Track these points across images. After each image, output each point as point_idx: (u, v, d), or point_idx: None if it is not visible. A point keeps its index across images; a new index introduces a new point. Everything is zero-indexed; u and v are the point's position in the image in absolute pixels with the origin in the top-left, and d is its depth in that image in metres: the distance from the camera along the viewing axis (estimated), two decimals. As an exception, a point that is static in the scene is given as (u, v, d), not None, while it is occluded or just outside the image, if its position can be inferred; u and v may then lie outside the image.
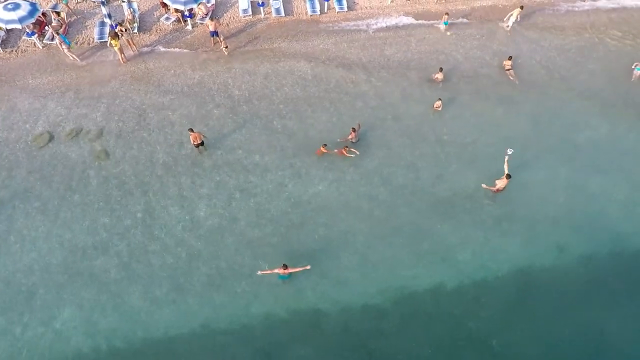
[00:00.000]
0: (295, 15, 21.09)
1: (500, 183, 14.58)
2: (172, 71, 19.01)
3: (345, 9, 21.10)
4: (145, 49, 19.80)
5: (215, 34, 19.21)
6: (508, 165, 14.58)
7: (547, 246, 14.68)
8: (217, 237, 14.65)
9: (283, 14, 20.83)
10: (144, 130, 17.14)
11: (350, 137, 16.17)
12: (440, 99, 17.37)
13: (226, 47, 19.28)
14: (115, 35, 17.95)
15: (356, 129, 16.17)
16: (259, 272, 13.24)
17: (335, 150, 15.90)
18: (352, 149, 15.89)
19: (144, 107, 17.79)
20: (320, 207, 15.29)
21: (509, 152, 15.02)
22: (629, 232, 14.95)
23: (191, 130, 15.60)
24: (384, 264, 14.24)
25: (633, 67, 18.71)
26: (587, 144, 16.87)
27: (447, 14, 20.27)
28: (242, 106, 17.85)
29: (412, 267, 14.18)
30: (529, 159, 16.31)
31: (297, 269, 13.12)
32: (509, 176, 14.30)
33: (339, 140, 16.43)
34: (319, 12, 20.94)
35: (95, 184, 15.71)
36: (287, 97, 18.15)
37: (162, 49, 19.84)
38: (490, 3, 21.89)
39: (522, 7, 20.02)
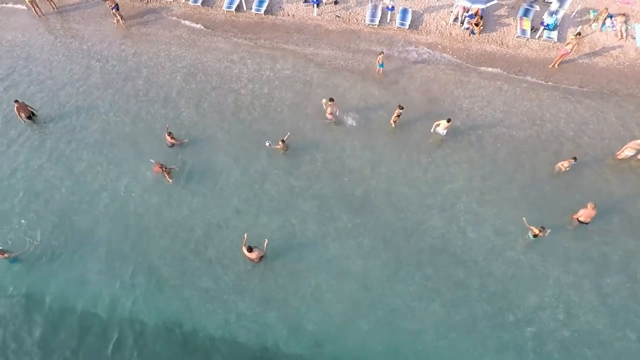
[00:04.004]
0: (212, 7, 20.31)
1: (249, 254, 12.62)
2: (74, 33, 19.57)
3: (263, 13, 19.80)
4: (65, 8, 20.61)
5: (116, 7, 19.25)
6: None
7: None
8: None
9: (200, 3, 20.19)
10: (24, 82, 17.85)
11: (167, 139, 15.32)
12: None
13: (117, 22, 19.51)
14: (16, -14, 18.86)
15: (173, 135, 15.27)
16: None
17: (154, 169, 14.78)
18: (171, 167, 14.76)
19: (31, 60, 18.60)
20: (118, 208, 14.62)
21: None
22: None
23: (16, 101, 15.59)
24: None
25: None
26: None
27: (382, 53, 17.08)
28: (118, 83, 17.76)
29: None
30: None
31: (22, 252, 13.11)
32: (255, 253, 12.51)
33: (165, 127, 15.90)
34: (234, 9, 19.92)
35: None
36: (156, 86, 17.66)
37: (75, 11, 20.48)
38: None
39: (449, 120, 15.05)
